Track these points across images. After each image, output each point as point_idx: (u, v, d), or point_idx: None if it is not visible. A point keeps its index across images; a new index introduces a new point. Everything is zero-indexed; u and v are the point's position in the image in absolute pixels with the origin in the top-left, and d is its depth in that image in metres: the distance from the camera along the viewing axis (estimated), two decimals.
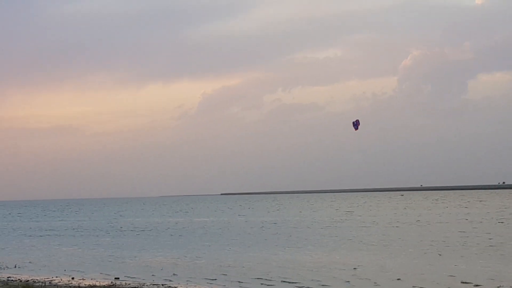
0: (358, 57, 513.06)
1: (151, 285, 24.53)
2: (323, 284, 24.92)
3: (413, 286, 23.48)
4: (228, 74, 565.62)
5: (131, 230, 68.08)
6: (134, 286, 24.13)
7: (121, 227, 74.69)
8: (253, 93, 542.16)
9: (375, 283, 24.68)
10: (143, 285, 24.63)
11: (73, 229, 74.81)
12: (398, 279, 25.32)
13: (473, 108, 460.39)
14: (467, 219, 68.06)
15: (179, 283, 25.41)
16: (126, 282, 25.82)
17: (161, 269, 30.97)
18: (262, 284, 25.00)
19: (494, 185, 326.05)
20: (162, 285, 24.78)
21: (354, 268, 28.52)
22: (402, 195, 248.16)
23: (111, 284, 24.99)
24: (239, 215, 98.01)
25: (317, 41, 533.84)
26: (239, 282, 25.66)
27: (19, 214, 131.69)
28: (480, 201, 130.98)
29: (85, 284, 25.02)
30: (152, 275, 28.86)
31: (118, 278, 27.35)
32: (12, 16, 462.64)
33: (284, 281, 25.39)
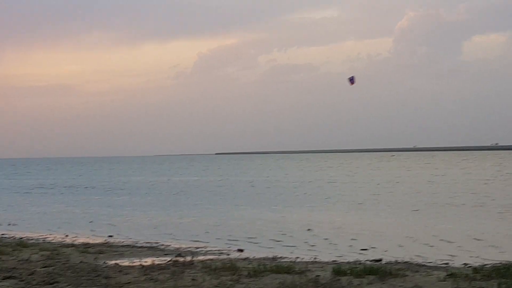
0: (354, 18, 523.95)
1: (144, 243, 24.75)
2: (278, 240, 25.88)
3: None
4: (224, 34, 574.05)
5: (123, 189, 68.91)
6: (128, 244, 24.30)
7: (114, 186, 75.74)
8: (248, 53, 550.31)
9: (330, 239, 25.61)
10: (136, 243, 24.82)
11: (66, 187, 75.87)
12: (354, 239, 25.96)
13: (467, 69, 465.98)
14: (452, 180, 70.47)
15: (172, 242, 25.64)
16: (119, 240, 25.98)
17: (154, 228, 31.37)
18: (249, 242, 25.50)
19: (488, 146, 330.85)
20: (155, 243, 24.98)
21: (308, 230, 29.07)
22: (393, 155, 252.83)
23: (105, 242, 25.08)
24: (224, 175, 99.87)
25: (314, 1, 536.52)
26: (229, 240, 26.03)
27: (15, 172, 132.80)
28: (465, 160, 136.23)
29: (79, 242, 24.94)
30: (144, 233, 29.04)
31: (112, 236, 27.55)
32: None
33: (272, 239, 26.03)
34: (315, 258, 20.18)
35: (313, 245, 24.43)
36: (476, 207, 39.73)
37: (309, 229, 29.00)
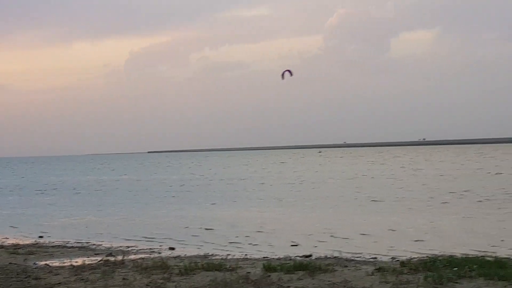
0: (285, 15, 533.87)
1: (75, 243, 24.70)
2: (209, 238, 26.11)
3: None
4: (156, 33, 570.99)
5: (53, 189, 68.24)
6: (58, 244, 24.17)
7: (43, 186, 74.26)
8: (180, 51, 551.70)
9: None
10: (67, 243, 24.71)
11: None
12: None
13: (395, 65, 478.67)
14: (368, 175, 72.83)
15: (102, 241, 25.57)
16: (50, 240, 25.77)
17: (86, 227, 31.31)
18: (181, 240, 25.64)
19: (415, 142, 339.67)
20: (86, 243, 24.93)
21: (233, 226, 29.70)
22: (320, 151, 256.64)
23: (35, 242, 24.87)
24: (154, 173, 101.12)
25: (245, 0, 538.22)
26: (160, 239, 26.17)
27: None
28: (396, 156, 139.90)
29: (8, 243, 24.68)
30: (76, 233, 28.83)
31: (42, 237, 27.34)
32: None
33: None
34: (246, 255, 20.29)
35: (243, 243, 24.64)
36: (399, 201, 40.61)
37: (234, 226, 29.64)
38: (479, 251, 19.72)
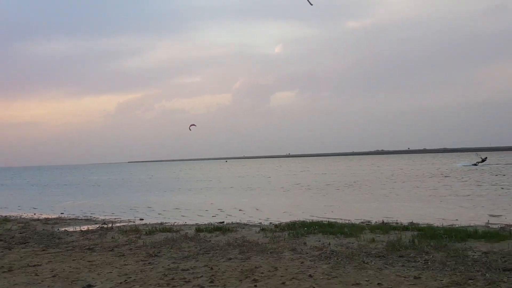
0: (210, 81, 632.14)
1: (82, 217, 25.40)
2: (162, 212, 27.36)
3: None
4: (133, 90, 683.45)
5: (65, 185, 70.49)
6: (72, 218, 24.78)
7: (53, 183, 74.67)
8: (148, 102, 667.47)
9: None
10: (78, 217, 25.36)
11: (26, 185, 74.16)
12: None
13: (272, 111, 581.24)
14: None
15: (99, 216, 26.38)
16: (67, 216, 26.30)
17: (89, 207, 32.28)
18: (147, 214, 26.69)
19: (283, 155, 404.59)
20: (89, 216, 25.79)
21: (177, 208, 30.06)
22: (226, 161, 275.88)
23: (58, 217, 25.29)
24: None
25: (187, 72, 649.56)
26: (133, 213, 27.48)
27: None
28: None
29: (42, 218, 25.05)
30: (82, 211, 29.92)
31: (63, 213, 28.25)
32: None
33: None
34: (185, 222, 21.14)
35: (183, 215, 25.64)
36: (269, 189, 44.01)
37: (177, 208, 29.83)
38: (318, 217, 21.06)
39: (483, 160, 76.84)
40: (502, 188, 35.54)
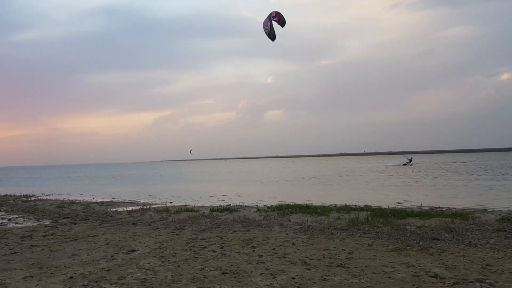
0: (220, 102, 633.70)
1: (128, 201, 24.40)
2: (186, 198, 25.32)
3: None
4: (163, 109, 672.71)
5: (113, 179, 67.11)
6: (120, 201, 24.11)
7: (104, 176, 74.37)
8: (174, 118, 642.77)
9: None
10: (125, 200, 24.65)
11: (86, 177, 72.26)
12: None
13: (265, 125, 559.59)
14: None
15: (140, 199, 25.41)
16: (117, 200, 25.29)
17: (134, 194, 30.78)
18: (175, 199, 25.60)
19: (272, 156, 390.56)
20: (134, 200, 24.72)
21: (200, 197, 29.35)
22: (226, 160, 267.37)
23: (110, 201, 24.48)
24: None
25: (203, 96, 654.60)
26: (165, 198, 26.26)
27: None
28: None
29: (98, 201, 24.06)
30: (129, 196, 28.43)
31: (114, 198, 27.37)
32: None
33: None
34: (202, 205, 20.45)
35: (202, 199, 24.62)
36: (263, 181, 41.98)
37: (196, 194, 28.83)
38: (298, 201, 20.27)
39: (410, 161, 76.59)
40: (416, 181, 34.95)
